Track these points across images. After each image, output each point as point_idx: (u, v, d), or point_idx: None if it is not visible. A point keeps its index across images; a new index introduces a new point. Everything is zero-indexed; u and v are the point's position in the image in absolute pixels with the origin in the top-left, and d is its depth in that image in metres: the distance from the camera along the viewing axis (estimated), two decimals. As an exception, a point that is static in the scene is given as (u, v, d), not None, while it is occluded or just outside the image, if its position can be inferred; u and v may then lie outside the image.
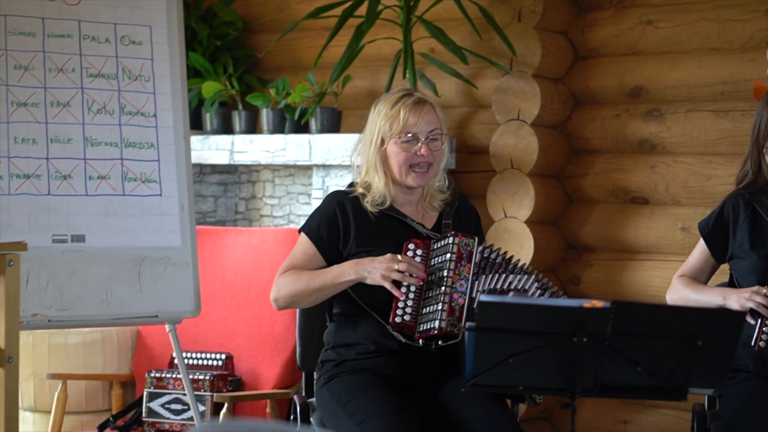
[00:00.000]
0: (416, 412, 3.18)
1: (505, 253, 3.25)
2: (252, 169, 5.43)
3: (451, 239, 3.18)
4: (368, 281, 3.18)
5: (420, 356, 3.23)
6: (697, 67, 4.48)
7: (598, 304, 2.67)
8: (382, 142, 3.28)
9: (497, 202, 4.70)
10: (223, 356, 4.35)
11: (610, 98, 4.69)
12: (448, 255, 3.17)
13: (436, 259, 3.20)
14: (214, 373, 4.28)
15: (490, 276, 3.20)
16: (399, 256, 3.16)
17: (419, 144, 3.25)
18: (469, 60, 4.67)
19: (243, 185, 5.48)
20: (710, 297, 3.43)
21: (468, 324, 2.76)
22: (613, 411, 4.60)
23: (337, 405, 3.19)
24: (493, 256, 3.22)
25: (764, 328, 3.30)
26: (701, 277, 3.57)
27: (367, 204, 3.30)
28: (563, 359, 2.74)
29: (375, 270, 3.15)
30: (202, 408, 4.20)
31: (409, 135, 3.25)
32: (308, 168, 5.12)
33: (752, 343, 3.31)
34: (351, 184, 3.39)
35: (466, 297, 3.15)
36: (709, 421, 3.44)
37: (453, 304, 3.14)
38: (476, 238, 3.21)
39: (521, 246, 4.62)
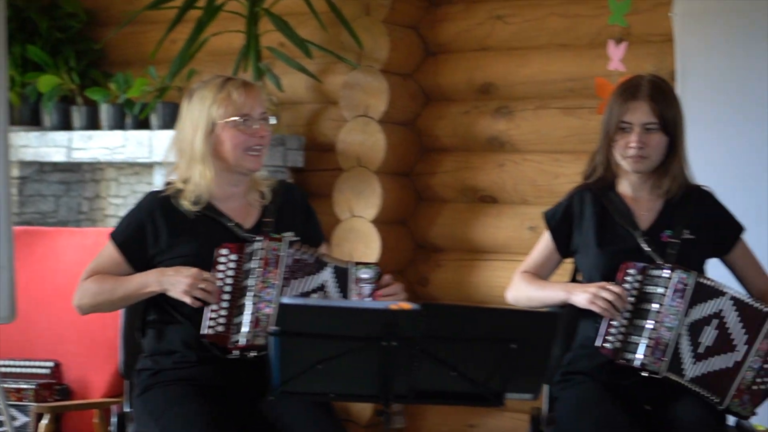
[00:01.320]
0: (234, 423, 3.04)
1: (314, 251, 3.11)
2: (96, 168, 5.21)
3: (257, 245, 3.05)
4: (171, 294, 3.05)
5: (239, 365, 3.09)
6: (546, 64, 4.41)
7: (406, 306, 2.55)
8: (212, 129, 3.12)
9: (343, 201, 4.57)
10: (51, 364, 4.15)
11: (460, 95, 4.59)
12: (255, 262, 3.03)
13: (247, 264, 3.06)
14: (40, 381, 4.07)
15: (303, 280, 3.06)
16: (205, 273, 3.03)
17: (255, 126, 3.13)
18: (317, 54, 4.54)
19: (87, 184, 5.26)
20: (553, 292, 3.30)
21: (271, 328, 2.61)
22: (459, 415, 4.51)
23: (150, 418, 3.07)
24: (306, 257, 3.08)
25: (611, 329, 3.19)
26: (543, 273, 3.41)
27: (184, 203, 3.13)
28: (374, 365, 2.61)
29: (178, 284, 3.02)
30: (25, 419, 3.99)
31: (246, 116, 3.12)
32: (151, 166, 4.93)
33: (598, 344, 3.19)
34: (167, 184, 3.21)
35: (274, 306, 3.00)
36: (544, 426, 3.34)
37: (259, 315, 3.01)
38: (285, 241, 3.06)
39: (368, 246, 4.49)
